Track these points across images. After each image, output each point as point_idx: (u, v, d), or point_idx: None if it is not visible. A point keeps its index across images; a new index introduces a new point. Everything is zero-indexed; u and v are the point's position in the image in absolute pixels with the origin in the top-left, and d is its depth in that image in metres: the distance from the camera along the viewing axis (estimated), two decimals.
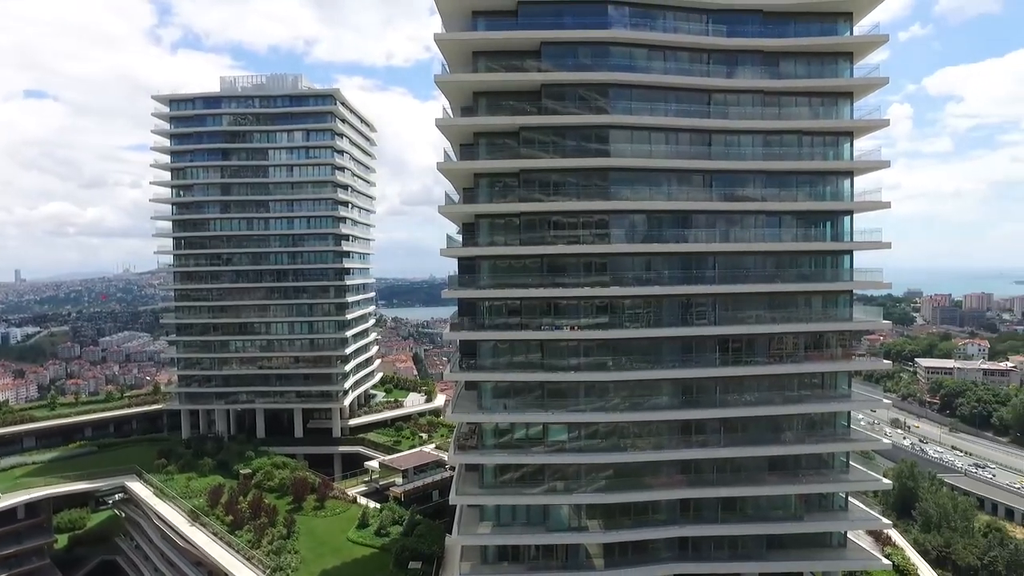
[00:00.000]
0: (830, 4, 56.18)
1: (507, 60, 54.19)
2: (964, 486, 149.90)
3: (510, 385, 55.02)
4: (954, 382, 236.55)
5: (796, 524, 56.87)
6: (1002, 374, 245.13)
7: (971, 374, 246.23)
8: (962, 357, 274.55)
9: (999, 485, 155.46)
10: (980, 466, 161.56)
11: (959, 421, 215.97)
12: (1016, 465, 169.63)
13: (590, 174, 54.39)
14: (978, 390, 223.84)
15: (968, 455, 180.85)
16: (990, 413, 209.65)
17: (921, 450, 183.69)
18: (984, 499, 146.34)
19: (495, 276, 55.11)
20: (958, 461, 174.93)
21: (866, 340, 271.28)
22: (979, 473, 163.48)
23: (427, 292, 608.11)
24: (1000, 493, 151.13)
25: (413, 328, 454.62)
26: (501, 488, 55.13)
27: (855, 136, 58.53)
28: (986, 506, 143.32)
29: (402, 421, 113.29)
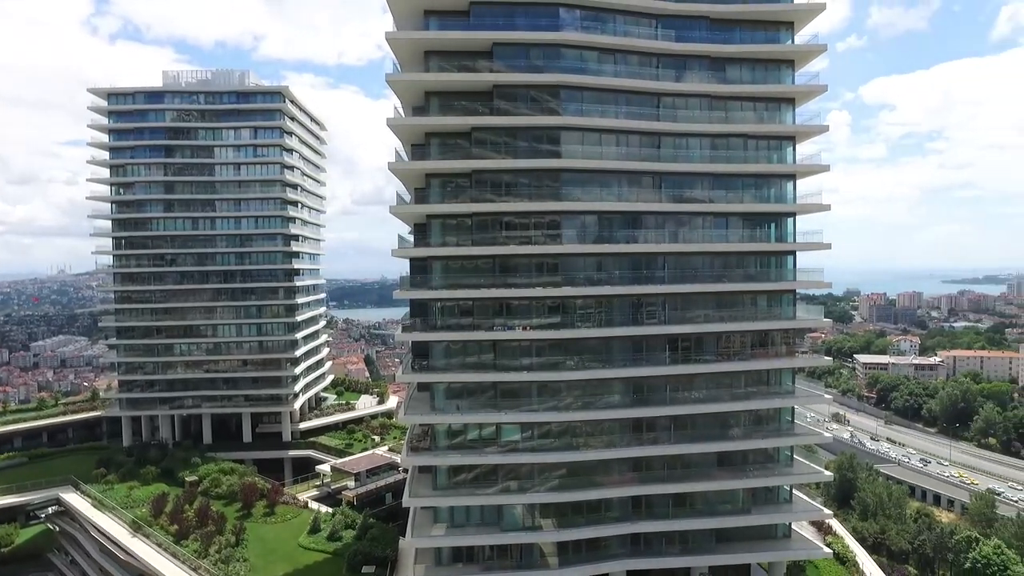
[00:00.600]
0: (773, 13, 57.99)
1: (459, 60, 54.16)
2: (897, 475, 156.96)
3: (463, 386, 54.95)
4: (889, 377, 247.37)
5: (744, 517, 58.42)
6: (931, 368, 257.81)
7: (904, 369, 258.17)
8: (896, 353, 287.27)
9: (929, 473, 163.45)
10: (926, 462, 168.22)
11: (893, 414, 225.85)
12: (941, 453, 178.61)
13: (542, 175, 54.76)
14: (910, 384, 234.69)
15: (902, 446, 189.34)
16: (920, 406, 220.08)
17: (859, 442, 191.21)
18: (915, 487, 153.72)
19: (447, 277, 54.95)
20: (892, 452, 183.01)
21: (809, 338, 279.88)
22: (911, 463, 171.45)
23: (379, 293, 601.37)
24: (929, 480, 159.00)
25: (365, 329, 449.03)
26: (455, 489, 54.98)
27: (797, 140, 60.51)
28: (916, 493, 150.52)
29: (354, 424, 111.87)
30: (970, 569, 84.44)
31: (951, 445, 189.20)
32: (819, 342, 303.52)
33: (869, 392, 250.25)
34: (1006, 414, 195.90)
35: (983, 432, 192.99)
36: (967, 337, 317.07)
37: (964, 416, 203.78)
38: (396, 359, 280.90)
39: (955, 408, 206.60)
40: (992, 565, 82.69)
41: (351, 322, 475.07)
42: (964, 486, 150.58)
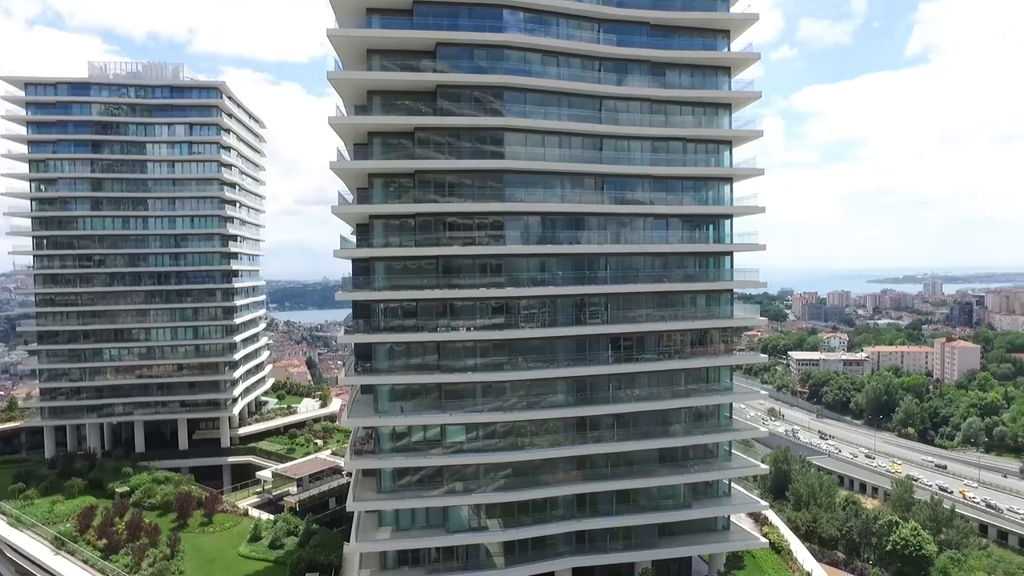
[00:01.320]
0: (710, 21, 59.74)
1: (402, 59, 53.76)
2: (828, 466, 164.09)
3: (407, 387, 54.51)
4: (820, 373, 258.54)
5: (685, 512, 59.93)
6: (858, 364, 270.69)
7: (833, 365, 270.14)
8: (826, 349, 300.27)
9: (856, 463, 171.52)
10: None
11: (824, 408, 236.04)
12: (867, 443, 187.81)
13: (485, 176, 54.85)
14: (839, 379, 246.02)
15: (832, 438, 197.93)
16: (849, 399, 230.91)
17: (794, 435, 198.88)
18: (844, 476, 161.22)
19: (390, 278, 54.40)
20: (823, 444, 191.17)
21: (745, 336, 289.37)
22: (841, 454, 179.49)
23: (321, 294, 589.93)
24: (856, 470, 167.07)
25: (306, 331, 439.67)
26: (400, 492, 54.47)
27: (734, 145, 62.51)
28: (845, 482, 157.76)
29: (296, 428, 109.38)
30: (891, 551, 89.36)
31: (875, 436, 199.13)
32: (755, 340, 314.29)
33: (802, 387, 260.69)
34: (923, 405, 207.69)
35: (903, 423, 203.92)
36: (889, 334, 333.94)
37: (887, 408, 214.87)
38: (339, 361, 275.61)
39: (879, 401, 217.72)
40: (910, 546, 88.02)
41: (293, 324, 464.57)
42: (887, 474, 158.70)
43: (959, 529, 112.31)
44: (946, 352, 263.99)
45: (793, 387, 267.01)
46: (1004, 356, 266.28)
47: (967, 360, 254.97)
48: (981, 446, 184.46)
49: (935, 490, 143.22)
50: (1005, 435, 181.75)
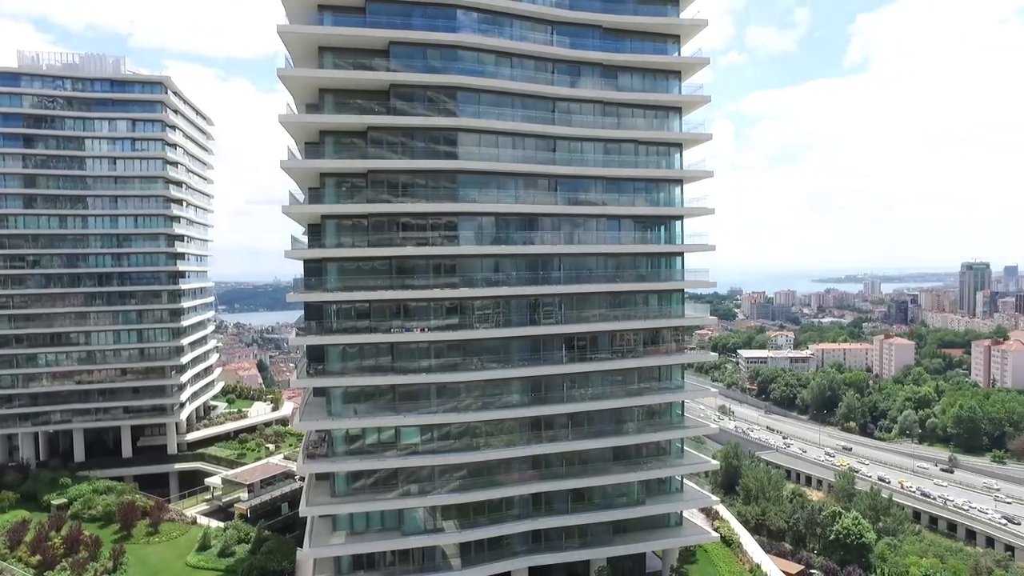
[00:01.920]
0: (661, 26, 60.82)
1: (355, 57, 53.09)
2: (776, 460, 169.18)
3: (360, 389, 53.84)
4: (768, 370, 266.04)
5: (639, 508, 60.78)
6: (803, 361, 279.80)
7: (781, 362, 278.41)
8: (774, 347, 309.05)
9: (802, 457, 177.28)
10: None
11: (772, 404, 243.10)
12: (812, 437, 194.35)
13: (439, 176, 54.64)
14: (786, 376, 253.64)
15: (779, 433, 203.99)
16: (795, 395, 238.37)
17: (743, 432, 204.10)
18: (791, 470, 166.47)
19: (343, 278, 53.64)
20: (770, 439, 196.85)
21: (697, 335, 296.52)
22: (791, 449, 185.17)
23: (272, 296, 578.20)
24: (802, 463, 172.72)
25: (257, 334, 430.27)
26: (354, 495, 53.74)
27: (684, 147, 63.74)
28: (792, 476, 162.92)
29: (247, 432, 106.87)
30: (834, 540, 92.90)
31: (819, 430, 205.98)
32: (706, 339, 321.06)
33: (751, 384, 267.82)
34: (863, 400, 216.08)
35: (846, 417, 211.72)
36: (832, 332, 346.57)
37: (831, 403, 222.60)
38: (291, 364, 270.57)
39: (823, 396, 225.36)
40: (851, 534, 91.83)
41: (243, 326, 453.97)
42: (831, 466, 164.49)
43: (895, 517, 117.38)
44: (884, 349, 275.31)
45: (742, 384, 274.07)
46: (935, 351, 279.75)
47: (903, 356, 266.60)
48: (915, 437, 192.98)
49: (879, 481, 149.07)
50: (936, 426, 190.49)
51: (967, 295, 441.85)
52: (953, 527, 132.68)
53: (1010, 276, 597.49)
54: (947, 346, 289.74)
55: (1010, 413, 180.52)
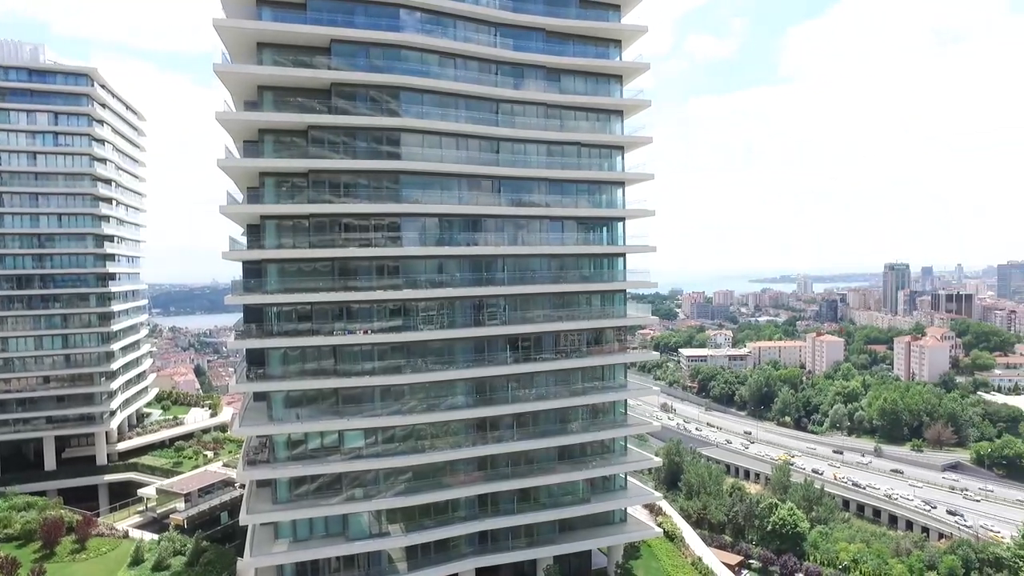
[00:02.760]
0: (603, 30, 61.88)
1: (295, 55, 52.08)
2: (716, 456, 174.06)
3: (302, 393, 52.78)
4: (708, 368, 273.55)
5: (584, 506, 61.54)
6: (741, 359, 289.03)
7: (720, 360, 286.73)
8: (713, 346, 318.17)
9: (741, 451, 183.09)
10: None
11: (712, 401, 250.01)
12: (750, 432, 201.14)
13: (382, 176, 54.13)
14: (725, 373, 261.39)
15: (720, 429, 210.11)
16: (734, 392, 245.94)
17: (685, 429, 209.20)
18: (730, 464, 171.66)
19: (284, 280, 52.47)
20: (712, 435, 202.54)
21: (639, 334, 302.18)
22: (733, 445, 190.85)
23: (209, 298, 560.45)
24: (740, 458, 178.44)
25: (194, 337, 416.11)
26: (297, 502, 52.58)
27: (626, 150, 65.00)
28: (731, 470, 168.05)
29: (183, 440, 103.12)
30: (771, 531, 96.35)
31: (757, 425, 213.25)
32: (648, 338, 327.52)
33: (692, 382, 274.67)
34: (798, 395, 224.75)
35: (781, 412, 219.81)
36: (768, 330, 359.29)
37: (767, 399, 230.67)
38: (230, 368, 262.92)
39: (760, 392, 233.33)
40: (787, 524, 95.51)
41: (179, 330, 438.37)
42: (768, 460, 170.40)
43: (827, 506, 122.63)
44: (816, 346, 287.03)
45: (684, 382, 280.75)
46: (862, 348, 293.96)
47: (833, 352, 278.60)
48: (845, 430, 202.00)
49: (814, 473, 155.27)
50: (863, 419, 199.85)
51: (890, 294, 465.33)
52: (878, 513, 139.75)
53: (927, 276, 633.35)
54: (873, 342, 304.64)
55: (926, 404, 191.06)
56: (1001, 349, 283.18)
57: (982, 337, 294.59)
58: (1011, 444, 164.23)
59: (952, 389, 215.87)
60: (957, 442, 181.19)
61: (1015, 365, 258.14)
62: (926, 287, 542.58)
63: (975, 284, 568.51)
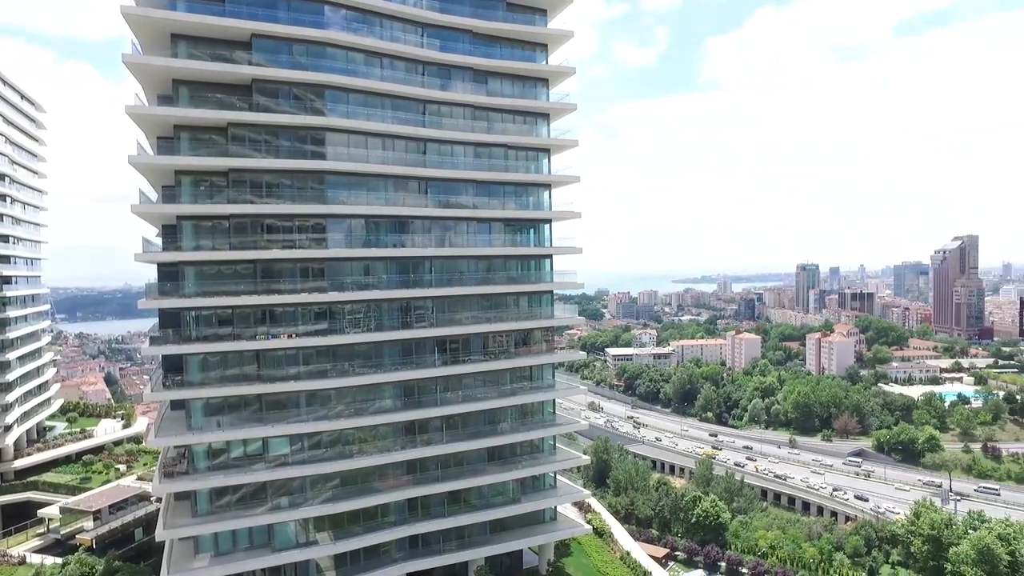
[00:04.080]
0: (528, 34, 62.61)
1: (213, 48, 50.18)
2: (643, 452, 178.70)
3: (224, 400, 50.80)
4: (633, 367, 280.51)
5: (515, 507, 61.90)
6: (665, 357, 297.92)
7: (645, 359, 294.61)
8: (639, 345, 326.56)
9: (668, 448, 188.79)
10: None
11: (638, 399, 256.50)
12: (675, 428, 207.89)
13: (306, 176, 52.88)
14: (650, 372, 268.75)
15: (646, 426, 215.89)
16: (659, 390, 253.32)
17: (613, 427, 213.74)
18: (656, 460, 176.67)
19: (202, 283, 50.42)
20: (639, 432, 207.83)
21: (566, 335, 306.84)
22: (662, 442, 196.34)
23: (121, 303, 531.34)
24: (666, 453, 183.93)
25: (104, 344, 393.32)
26: (218, 513, 50.52)
27: (553, 152, 65.94)
28: (657, 466, 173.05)
29: (92, 454, 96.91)
30: (696, 523, 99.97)
31: (681, 422, 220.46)
32: (575, 338, 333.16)
33: (618, 381, 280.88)
34: (719, 391, 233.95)
35: (704, 408, 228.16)
36: (691, 328, 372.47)
37: (691, 396, 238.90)
38: (145, 376, 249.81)
39: (684, 389, 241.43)
40: (710, 516, 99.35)
41: (87, 337, 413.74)
42: (692, 455, 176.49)
43: (747, 497, 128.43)
44: (735, 343, 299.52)
45: (610, 381, 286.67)
46: (778, 344, 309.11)
47: (751, 350, 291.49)
48: (763, 423, 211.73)
49: (735, 466, 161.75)
50: (779, 412, 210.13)
51: (801, 293, 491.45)
52: (793, 501, 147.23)
53: (834, 276, 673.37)
54: (787, 339, 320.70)
55: (835, 397, 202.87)
56: (898, 343, 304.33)
57: (882, 332, 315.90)
58: (906, 431, 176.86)
59: (857, 382, 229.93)
60: (861, 431, 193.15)
61: (909, 358, 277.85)
62: (834, 286, 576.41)
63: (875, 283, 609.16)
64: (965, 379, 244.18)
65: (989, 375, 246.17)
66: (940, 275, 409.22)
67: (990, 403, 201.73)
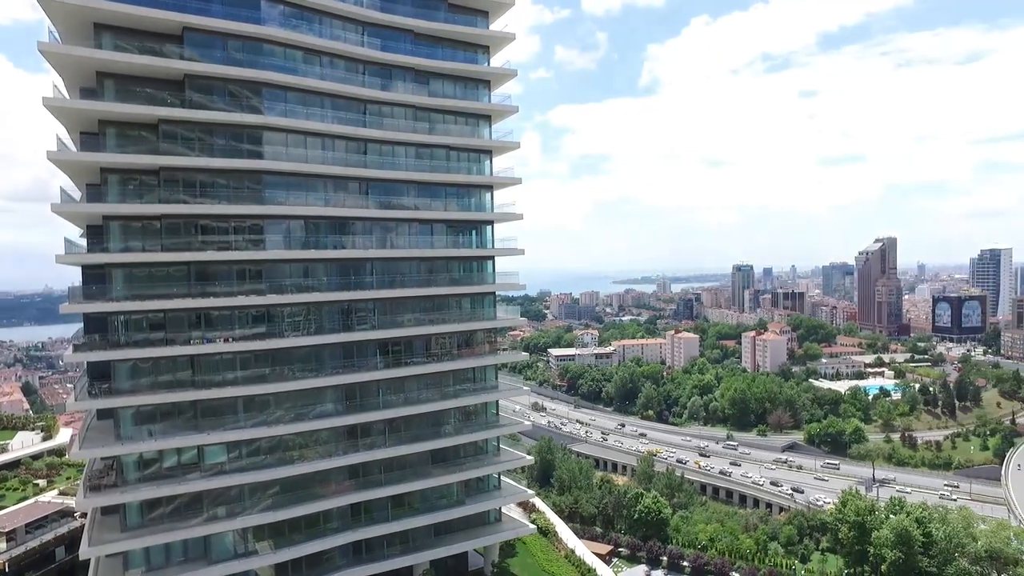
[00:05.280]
0: (470, 35, 62.63)
1: (141, 40, 48.03)
2: (586, 451, 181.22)
3: (156, 408, 48.73)
4: (576, 367, 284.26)
5: (459, 509, 61.63)
6: (607, 357, 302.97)
7: (587, 359, 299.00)
8: (581, 345, 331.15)
9: (610, 446, 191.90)
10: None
11: (581, 398, 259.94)
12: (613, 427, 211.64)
13: (243, 176, 51.39)
14: (592, 371, 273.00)
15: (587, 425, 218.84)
16: (601, 389, 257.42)
17: (556, 427, 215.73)
18: (599, 459, 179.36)
19: (132, 286, 48.30)
20: (583, 431, 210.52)
21: (509, 336, 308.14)
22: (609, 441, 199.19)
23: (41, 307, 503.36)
24: (609, 452, 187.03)
25: (22, 351, 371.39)
26: (151, 526, 48.36)
27: (494, 154, 66.14)
28: (600, 464, 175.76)
29: (6, 469, 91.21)
30: (638, 519, 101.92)
31: (623, 419, 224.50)
32: (518, 339, 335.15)
33: (561, 381, 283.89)
34: (659, 390, 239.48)
35: (645, 406, 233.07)
36: (631, 328, 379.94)
37: (632, 394, 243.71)
38: (68, 384, 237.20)
39: (625, 388, 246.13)
40: (651, 512, 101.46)
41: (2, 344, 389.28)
42: (633, 452, 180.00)
43: (687, 492, 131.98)
44: (674, 343, 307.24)
45: (553, 381, 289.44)
46: (715, 343, 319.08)
47: (690, 348, 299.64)
48: (701, 420, 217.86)
49: (675, 462, 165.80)
50: (717, 409, 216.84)
51: (737, 293, 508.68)
52: (731, 494, 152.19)
53: (768, 276, 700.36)
54: (724, 338, 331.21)
55: (769, 393, 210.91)
56: (826, 340, 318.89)
57: (812, 330, 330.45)
58: (834, 424, 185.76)
59: (789, 378, 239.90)
60: (794, 425, 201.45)
61: (837, 354, 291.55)
62: (768, 287, 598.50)
63: (806, 283, 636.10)
64: (886, 373, 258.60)
65: (906, 369, 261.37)
66: (864, 275, 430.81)
67: (907, 395, 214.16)
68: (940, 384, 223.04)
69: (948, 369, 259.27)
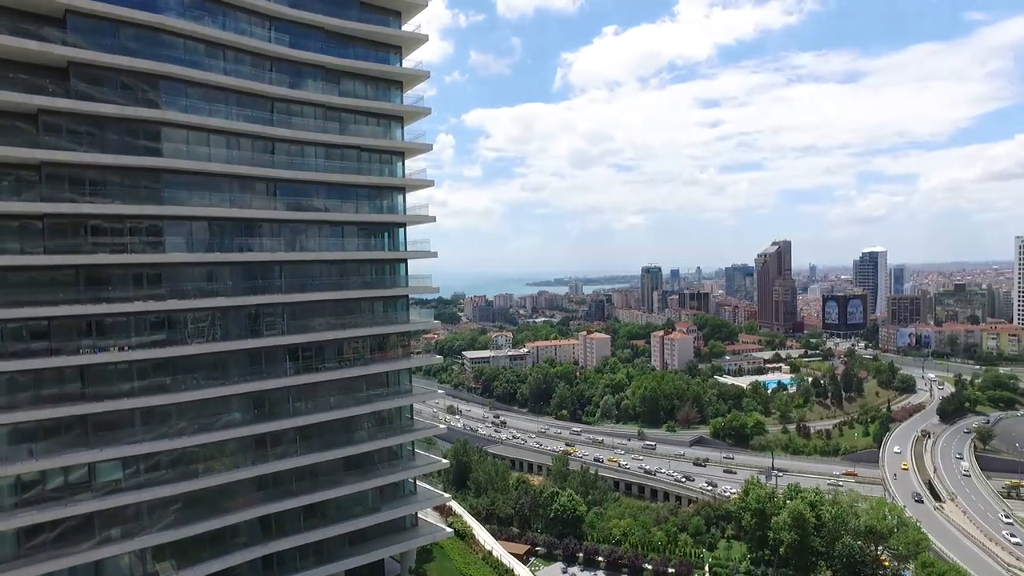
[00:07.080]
0: (382, 35, 61.80)
1: (14, 21, 44.09)
2: (502, 452, 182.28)
3: (37, 424, 44.89)
4: (491, 369, 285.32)
5: (374, 516, 60.39)
6: (521, 358, 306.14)
7: (502, 361, 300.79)
8: (495, 347, 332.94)
9: (525, 447, 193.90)
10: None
11: (496, 400, 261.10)
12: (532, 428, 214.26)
13: (139, 174, 48.41)
14: (507, 373, 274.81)
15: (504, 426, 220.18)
16: (516, 390, 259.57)
17: (472, 429, 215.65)
18: (515, 460, 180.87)
19: (9, 291, 44.29)
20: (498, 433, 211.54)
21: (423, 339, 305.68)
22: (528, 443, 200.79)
23: None
24: (524, 452, 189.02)
25: None
26: (31, 555, 44.35)
27: (407, 156, 65.39)
28: (516, 465, 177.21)
29: None
30: (554, 517, 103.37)
31: (538, 420, 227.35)
32: (432, 343, 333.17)
33: (476, 384, 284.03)
34: (572, 390, 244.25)
35: (559, 406, 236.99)
36: (545, 330, 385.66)
37: (546, 395, 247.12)
38: None
39: (539, 389, 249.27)
40: (567, 510, 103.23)
41: None
42: (547, 452, 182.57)
43: (601, 489, 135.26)
44: (587, 343, 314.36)
45: (468, 384, 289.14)
46: (626, 343, 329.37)
47: (602, 349, 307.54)
48: (613, 418, 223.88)
49: (590, 460, 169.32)
50: (629, 407, 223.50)
51: (646, 294, 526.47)
52: (643, 489, 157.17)
53: (675, 278, 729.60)
54: (634, 338, 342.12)
55: (677, 389, 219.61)
56: (730, 338, 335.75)
57: (716, 329, 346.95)
58: (737, 417, 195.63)
59: (696, 375, 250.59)
60: (701, 420, 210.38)
61: (739, 352, 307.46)
62: (675, 287, 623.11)
63: (710, 284, 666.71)
64: (783, 368, 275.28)
65: (801, 364, 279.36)
66: (762, 276, 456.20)
67: (802, 389, 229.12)
68: (829, 377, 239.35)
69: (836, 363, 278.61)
